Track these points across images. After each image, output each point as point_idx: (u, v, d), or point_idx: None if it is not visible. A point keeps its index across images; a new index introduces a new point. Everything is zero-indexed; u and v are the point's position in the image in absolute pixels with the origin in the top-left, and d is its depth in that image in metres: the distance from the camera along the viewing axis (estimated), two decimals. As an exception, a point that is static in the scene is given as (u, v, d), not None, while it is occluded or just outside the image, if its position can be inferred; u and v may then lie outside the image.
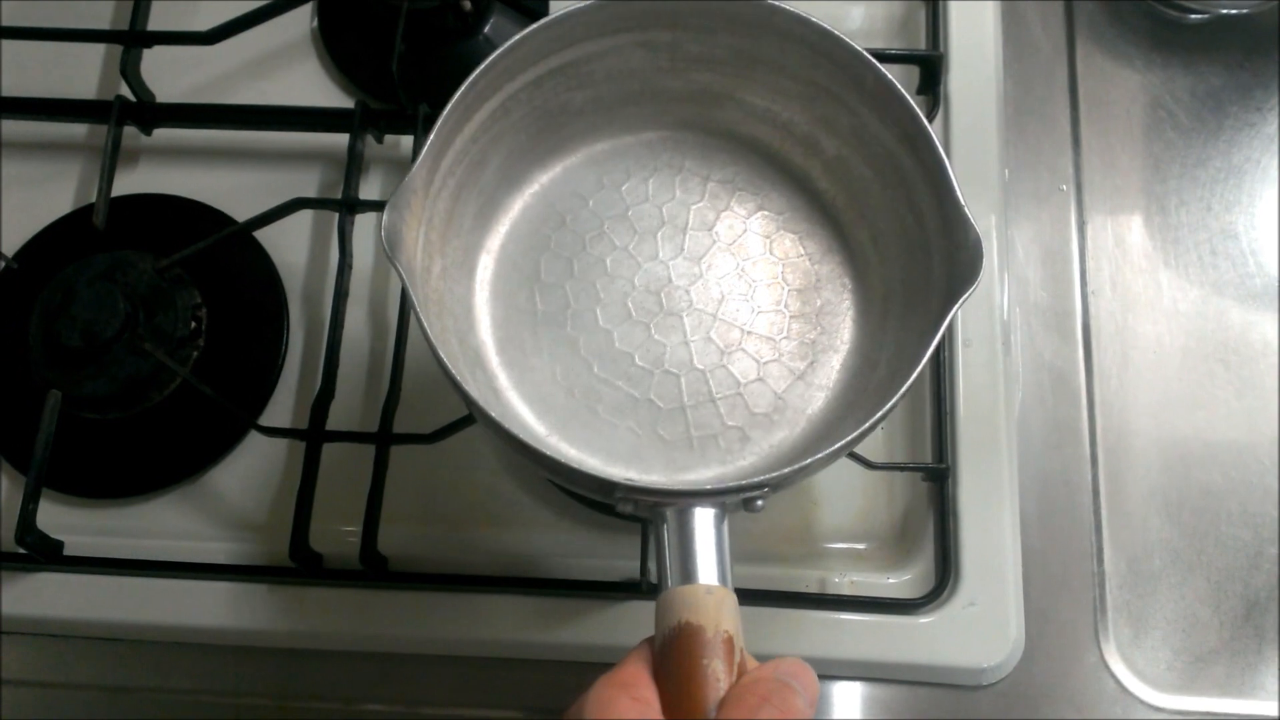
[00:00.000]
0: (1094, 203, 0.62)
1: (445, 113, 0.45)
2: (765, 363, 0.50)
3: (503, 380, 0.50)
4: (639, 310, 0.51)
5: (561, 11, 0.47)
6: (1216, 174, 0.63)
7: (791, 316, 0.51)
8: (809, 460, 0.40)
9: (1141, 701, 0.53)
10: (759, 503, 0.40)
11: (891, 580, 0.55)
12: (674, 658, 0.36)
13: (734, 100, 0.52)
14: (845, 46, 0.47)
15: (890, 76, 0.46)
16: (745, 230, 0.52)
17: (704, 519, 0.39)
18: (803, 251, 0.52)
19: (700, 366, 0.50)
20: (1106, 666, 0.54)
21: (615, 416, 0.49)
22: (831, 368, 0.50)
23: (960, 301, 0.41)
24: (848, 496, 0.57)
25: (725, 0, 0.48)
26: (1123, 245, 0.62)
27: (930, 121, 0.60)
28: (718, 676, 0.35)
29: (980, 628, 0.53)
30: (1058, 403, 0.58)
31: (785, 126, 0.52)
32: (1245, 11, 0.64)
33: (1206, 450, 0.58)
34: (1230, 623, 0.55)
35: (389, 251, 0.42)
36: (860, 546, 0.57)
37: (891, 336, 0.49)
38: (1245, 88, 0.64)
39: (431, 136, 0.45)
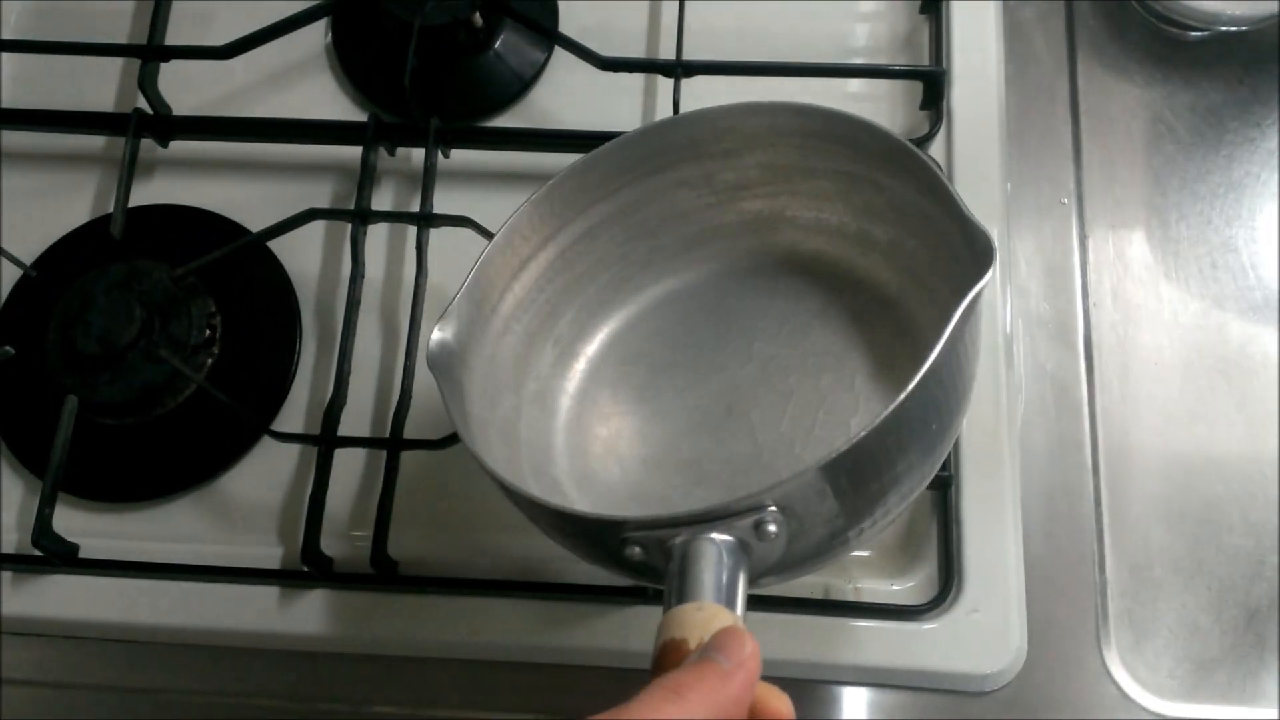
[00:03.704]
0: (1095, 216, 0.63)
1: (484, 253, 0.49)
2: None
3: (582, 503, 0.51)
4: (709, 420, 0.51)
5: (577, 161, 0.50)
6: (1216, 188, 0.64)
7: (862, 401, 0.50)
8: (808, 467, 0.37)
9: (1143, 708, 0.54)
10: (771, 527, 0.38)
11: (895, 587, 0.56)
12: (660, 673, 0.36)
13: (785, 219, 0.53)
14: (842, 119, 0.48)
15: (885, 129, 0.47)
16: (812, 329, 0.52)
17: (706, 549, 0.38)
18: (874, 339, 0.51)
19: (767, 462, 0.49)
20: (1108, 673, 0.54)
21: None
22: None
23: (977, 288, 0.40)
24: (852, 504, 0.57)
25: (728, 108, 0.49)
26: (1124, 258, 0.62)
27: (932, 137, 0.61)
28: None
29: (983, 634, 0.53)
30: (1060, 413, 0.59)
31: (837, 230, 0.53)
32: (1245, 29, 0.65)
33: (1207, 461, 0.59)
34: (1231, 630, 0.56)
35: (432, 366, 0.46)
36: (865, 553, 0.57)
37: None
38: (1245, 103, 0.65)
39: (472, 273, 0.49)
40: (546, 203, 0.51)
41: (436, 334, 0.47)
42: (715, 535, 0.38)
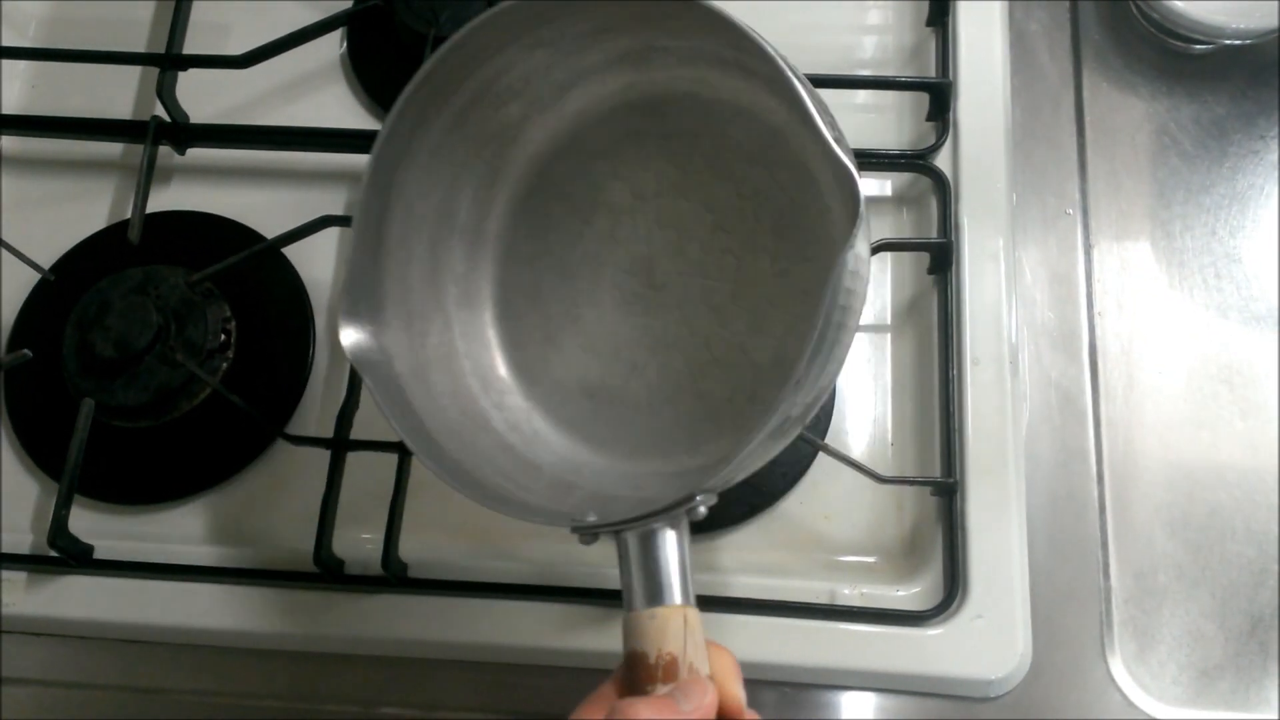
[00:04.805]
0: (1100, 226, 0.63)
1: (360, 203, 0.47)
2: (761, 313, 0.48)
3: (536, 405, 0.52)
4: (634, 297, 0.51)
5: (442, 49, 0.47)
6: (1220, 200, 0.64)
7: (775, 257, 0.48)
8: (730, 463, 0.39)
9: (1147, 715, 0.54)
10: (701, 509, 0.41)
11: (900, 593, 0.56)
12: (629, 684, 0.40)
13: (657, 50, 0.49)
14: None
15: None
16: (710, 179, 0.50)
17: (645, 539, 0.41)
18: (774, 182, 0.49)
19: (699, 334, 0.50)
20: (1112, 680, 0.55)
21: (632, 409, 0.50)
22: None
23: (840, 261, 0.37)
24: (858, 510, 0.58)
25: None
26: (1128, 268, 0.63)
27: (939, 148, 0.62)
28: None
29: (988, 640, 0.54)
30: (1065, 421, 0.59)
31: (715, 57, 0.48)
32: (1249, 42, 0.65)
33: (1211, 469, 0.59)
34: (1235, 638, 0.56)
35: (361, 366, 0.46)
36: (870, 559, 0.58)
37: None
38: (1249, 116, 0.66)
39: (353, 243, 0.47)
40: (409, 103, 0.47)
41: (351, 335, 0.46)
42: (654, 524, 0.41)
